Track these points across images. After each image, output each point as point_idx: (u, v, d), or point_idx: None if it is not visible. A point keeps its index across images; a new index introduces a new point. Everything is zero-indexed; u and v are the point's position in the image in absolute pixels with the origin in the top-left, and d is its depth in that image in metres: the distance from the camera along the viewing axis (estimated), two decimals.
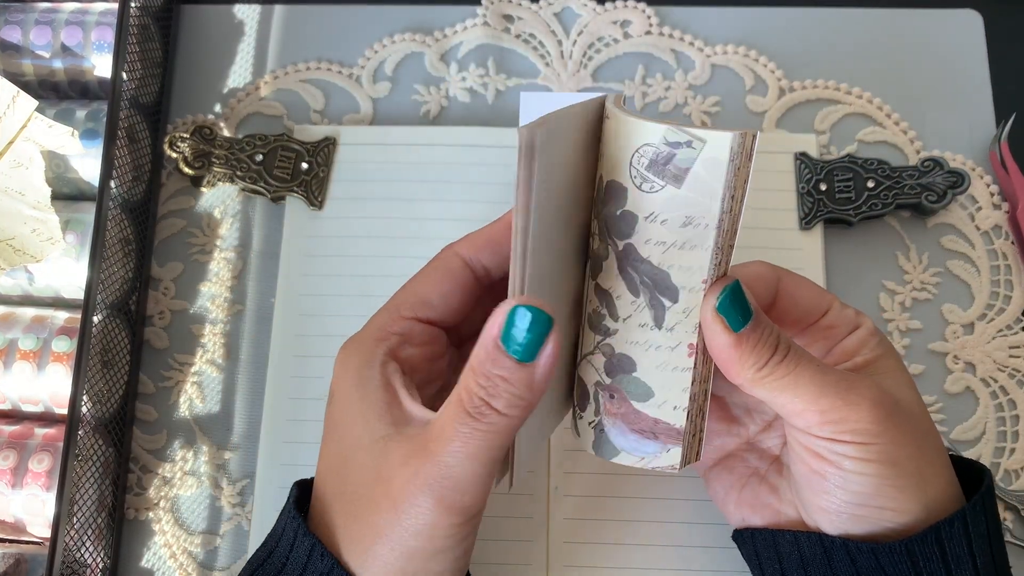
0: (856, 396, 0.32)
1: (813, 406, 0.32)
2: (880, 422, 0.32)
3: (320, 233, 0.48)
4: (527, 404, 0.30)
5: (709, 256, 0.31)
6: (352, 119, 0.52)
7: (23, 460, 0.42)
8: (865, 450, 0.32)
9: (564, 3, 0.53)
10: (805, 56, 0.52)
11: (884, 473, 0.32)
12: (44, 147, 0.45)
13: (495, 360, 0.29)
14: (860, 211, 0.47)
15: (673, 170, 0.30)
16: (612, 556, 0.43)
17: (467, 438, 0.30)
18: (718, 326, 0.31)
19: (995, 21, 0.52)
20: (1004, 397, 0.46)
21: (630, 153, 0.30)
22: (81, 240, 0.45)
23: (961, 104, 0.51)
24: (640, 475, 0.44)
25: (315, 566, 0.32)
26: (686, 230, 0.31)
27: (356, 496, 0.32)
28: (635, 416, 0.33)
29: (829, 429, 0.32)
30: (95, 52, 0.48)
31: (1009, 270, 0.48)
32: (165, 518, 0.45)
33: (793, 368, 0.32)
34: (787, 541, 0.35)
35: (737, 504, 0.38)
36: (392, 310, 0.35)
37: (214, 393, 0.47)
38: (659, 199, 0.30)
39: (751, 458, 0.38)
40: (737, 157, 0.30)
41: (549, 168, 0.29)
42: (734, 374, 0.32)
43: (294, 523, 0.33)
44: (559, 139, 0.29)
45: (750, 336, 0.32)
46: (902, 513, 0.32)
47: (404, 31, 0.53)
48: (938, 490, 0.33)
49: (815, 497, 0.34)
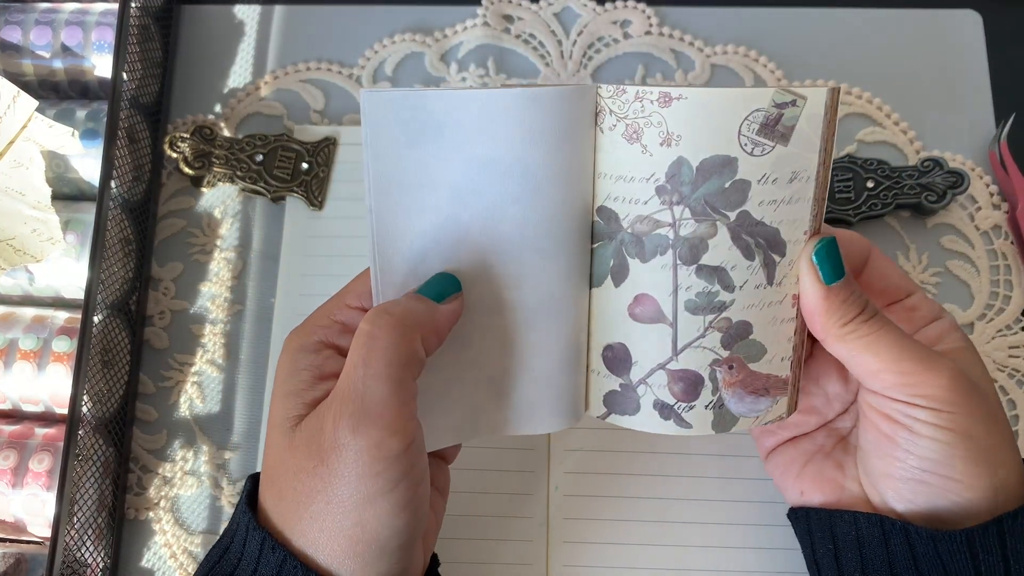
0: (938, 364, 0.33)
1: (893, 367, 0.33)
2: (958, 392, 0.32)
3: (320, 233, 0.48)
4: (422, 322, 0.31)
5: (809, 207, 0.33)
6: (352, 119, 0.52)
7: (23, 460, 0.42)
8: (940, 416, 0.32)
9: (564, 3, 0.53)
10: (805, 56, 0.52)
11: (957, 442, 0.32)
12: (44, 147, 0.45)
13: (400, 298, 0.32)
14: (860, 211, 0.47)
15: (782, 129, 0.32)
16: (612, 556, 0.43)
17: (368, 357, 0.30)
18: (812, 275, 0.33)
19: (995, 21, 0.52)
20: (1004, 397, 0.46)
21: (738, 123, 0.32)
22: (81, 240, 0.45)
23: (961, 104, 0.51)
24: (640, 475, 0.44)
25: (267, 559, 0.31)
26: (792, 185, 0.33)
27: (278, 473, 0.32)
28: (752, 378, 0.34)
29: (907, 391, 0.33)
30: (95, 52, 0.48)
31: (1009, 270, 0.48)
32: (165, 518, 0.45)
33: (877, 329, 0.33)
34: (844, 521, 0.35)
35: (798, 478, 0.38)
36: (338, 299, 0.35)
37: (214, 393, 0.47)
38: (770, 160, 0.32)
39: (819, 436, 0.39)
40: (829, 111, 0.32)
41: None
42: (819, 326, 0.33)
43: (244, 517, 0.32)
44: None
45: (840, 291, 0.33)
46: (970, 488, 0.33)
47: (404, 31, 0.53)
48: (1008, 475, 0.33)
49: (882, 462, 0.34)
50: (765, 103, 0.32)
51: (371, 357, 0.30)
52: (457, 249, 0.33)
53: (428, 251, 0.33)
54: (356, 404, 0.30)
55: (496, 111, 0.31)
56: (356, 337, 0.31)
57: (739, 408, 0.35)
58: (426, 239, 0.33)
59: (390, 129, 0.31)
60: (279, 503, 0.32)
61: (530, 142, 0.32)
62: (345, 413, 0.30)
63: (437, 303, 0.32)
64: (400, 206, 0.32)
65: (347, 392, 0.30)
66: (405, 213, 0.32)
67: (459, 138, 0.32)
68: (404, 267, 0.33)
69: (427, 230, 0.33)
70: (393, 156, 0.31)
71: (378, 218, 0.32)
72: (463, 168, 0.32)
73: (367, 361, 0.30)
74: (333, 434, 0.30)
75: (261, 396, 0.46)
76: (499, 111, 0.31)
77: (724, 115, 0.32)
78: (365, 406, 0.30)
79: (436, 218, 0.32)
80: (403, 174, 0.32)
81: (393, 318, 0.31)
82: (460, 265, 0.33)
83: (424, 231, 0.32)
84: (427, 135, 0.31)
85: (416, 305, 0.32)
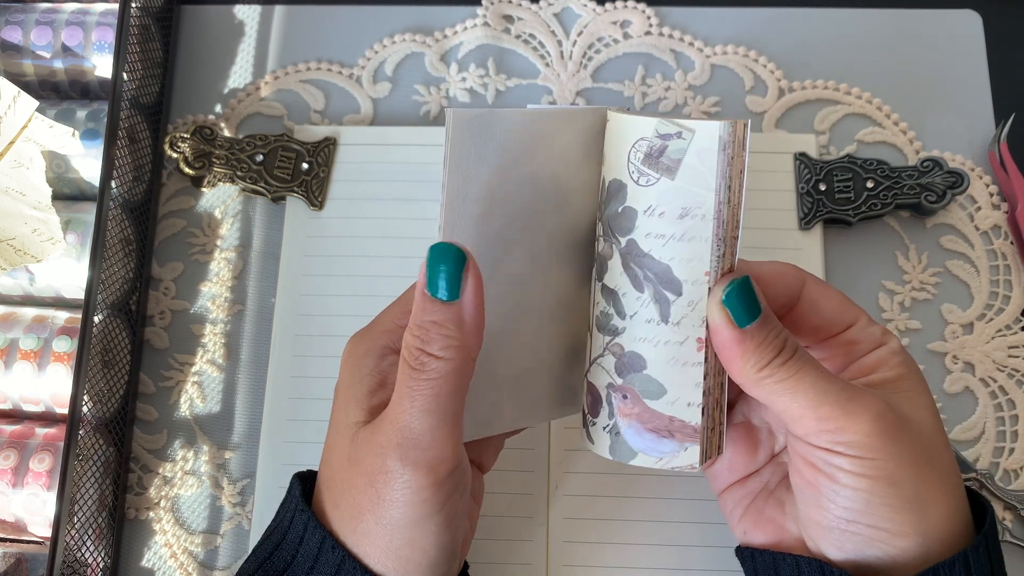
0: (858, 407, 0.31)
1: (811, 413, 0.31)
2: (879, 436, 0.30)
3: (320, 233, 0.48)
4: (462, 344, 0.30)
5: (709, 247, 0.31)
6: (352, 119, 0.52)
7: (24, 460, 0.42)
8: (860, 464, 0.31)
9: (564, 3, 0.53)
10: (805, 56, 0.52)
11: (878, 491, 0.31)
12: (45, 147, 0.45)
13: (424, 308, 0.31)
14: (859, 211, 0.47)
15: (666, 162, 0.31)
16: (612, 556, 0.43)
17: (414, 391, 0.30)
18: (723, 319, 0.31)
19: (995, 21, 0.52)
20: (1003, 397, 0.46)
21: (627, 149, 0.32)
22: (82, 240, 0.45)
23: (960, 104, 0.51)
24: (639, 475, 0.44)
25: (326, 558, 0.32)
26: (684, 222, 0.31)
27: (336, 481, 0.32)
28: (649, 415, 0.33)
29: (826, 438, 0.31)
30: (96, 52, 0.48)
31: (1008, 270, 0.48)
32: (165, 518, 0.45)
33: (795, 372, 0.31)
34: (788, 564, 0.34)
35: (741, 519, 0.36)
36: (402, 304, 0.35)
37: (214, 393, 0.47)
38: (655, 192, 0.31)
39: (766, 472, 0.37)
40: (729, 146, 0.31)
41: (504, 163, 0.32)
42: (735, 371, 0.32)
43: (303, 516, 0.33)
44: (524, 137, 0.32)
45: (755, 334, 0.31)
46: (897, 536, 0.31)
47: (404, 31, 0.53)
48: (940, 519, 0.31)
49: (810, 510, 0.33)
50: (648, 133, 0.31)
51: (417, 390, 0.30)
52: (502, 262, 0.34)
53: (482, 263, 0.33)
54: (404, 435, 0.30)
55: (540, 129, 0.33)
56: (402, 364, 0.31)
57: (638, 443, 0.34)
58: (479, 255, 0.33)
59: (467, 145, 0.32)
60: (335, 510, 0.32)
61: (562, 159, 0.34)
62: (393, 442, 0.30)
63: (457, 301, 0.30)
64: (463, 219, 0.32)
65: (395, 421, 0.31)
66: (466, 226, 0.32)
67: (512, 155, 0.33)
68: None
69: (480, 244, 0.33)
70: (467, 172, 0.32)
71: (446, 232, 0.32)
72: (514, 184, 0.33)
73: (413, 394, 0.30)
74: (382, 460, 0.31)
75: (261, 396, 0.46)
76: (542, 129, 0.33)
77: (619, 140, 0.32)
78: (413, 438, 0.30)
79: (488, 230, 0.33)
80: (471, 187, 0.32)
81: (444, 363, 0.30)
82: (504, 277, 0.34)
83: (478, 246, 0.33)
84: (491, 151, 0.32)
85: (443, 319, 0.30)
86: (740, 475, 0.37)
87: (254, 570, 0.33)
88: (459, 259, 0.30)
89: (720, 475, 0.38)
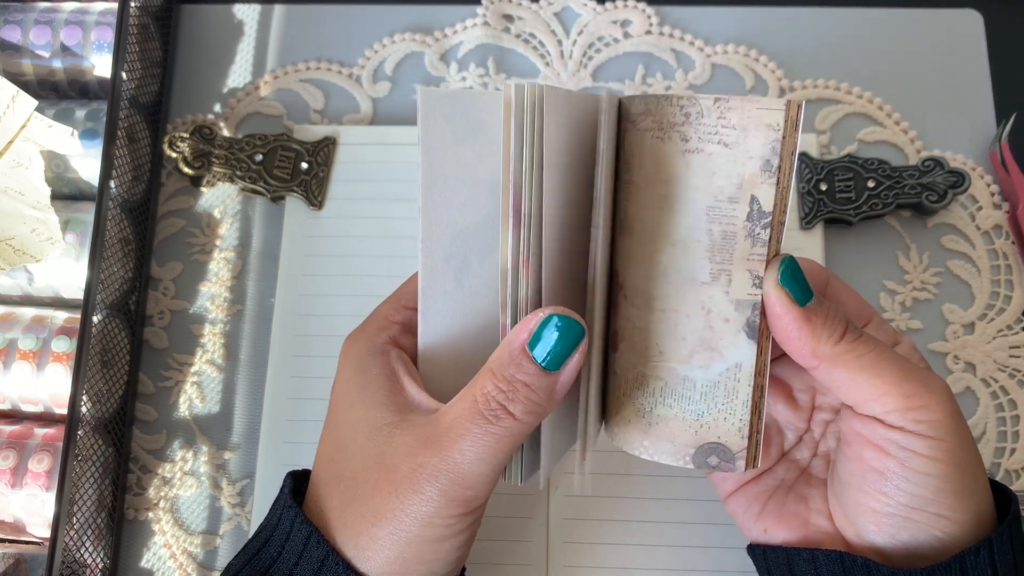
0: (935, 386, 0.30)
1: (896, 389, 0.30)
2: (955, 417, 0.30)
3: (320, 233, 0.48)
4: (543, 412, 0.30)
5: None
6: (352, 119, 0.52)
7: (23, 460, 0.42)
8: (935, 447, 0.30)
9: (564, 3, 0.53)
10: (805, 56, 0.52)
11: (948, 476, 0.30)
12: (44, 147, 0.45)
13: (520, 365, 0.29)
14: (860, 211, 0.47)
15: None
16: (612, 556, 0.43)
17: (478, 439, 0.30)
18: (784, 298, 0.29)
19: (995, 21, 0.52)
20: (1004, 397, 0.46)
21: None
22: (81, 240, 0.45)
23: (961, 104, 0.51)
24: (639, 475, 0.44)
25: (311, 554, 0.32)
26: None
27: (355, 481, 0.32)
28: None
29: (911, 416, 0.30)
30: (95, 52, 0.48)
31: (1009, 270, 0.48)
32: (165, 518, 0.45)
33: (874, 346, 0.30)
34: (803, 559, 0.33)
35: (760, 517, 0.36)
36: (394, 300, 0.35)
37: (214, 393, 0.47)
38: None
39: (779, 470, 0.37)
40: (783, 127, 0.29)
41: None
42: (807, 350, 0.30)
43: (291, 512, 0.33)
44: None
45: (818, 310, 0.30)
46: (955, 523, 0.30)
47: (404, 31, 0.53)
48: (989, 505, 0.31)
49: (867, 497, 0.31)
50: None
51: (480, 438, 0.30)
52: (494, 246, 0.33)
53: (470, 250, 0.33)
54: (452, 471, 0.30)
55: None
56: (472, 404, 0.30)
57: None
58: (467, 237, 0.33)
59: (439, 125, 0.32)
60: (346, 507, 0.32)
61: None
62: (438, 469, 0.30)
63: (556, 372, 0.30)
64: (444, 201, 0.32)
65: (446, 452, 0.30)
66: (448, 209, 0.32)
67: (496, 137, 0.32)
68: (447, 267, 0.33)
69: (468, 228, 0.33)
70: (440, 152, 0.32)
71: (424, 215, 0.32)
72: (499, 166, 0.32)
73: (475, 440, 0.30)
74: (419, 481, 0.30)
75: (261, 396, 0.46)
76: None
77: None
78: (460, 476, 0.30)
79: (477, 215, 0.33)
80: (449, 169, 0.32)
81: (519, 425, 0.30)
82: (496, 262, 0.33)
83: (466, 229, 0.33)
84: (471, 133, 0.32)
85: (539, 388, 0.30)
86: (753, 474, 0.37)
87: (242, 566, 0.33)
88: (579, 338, 0.29)
89: (731, 475, 0.37)
